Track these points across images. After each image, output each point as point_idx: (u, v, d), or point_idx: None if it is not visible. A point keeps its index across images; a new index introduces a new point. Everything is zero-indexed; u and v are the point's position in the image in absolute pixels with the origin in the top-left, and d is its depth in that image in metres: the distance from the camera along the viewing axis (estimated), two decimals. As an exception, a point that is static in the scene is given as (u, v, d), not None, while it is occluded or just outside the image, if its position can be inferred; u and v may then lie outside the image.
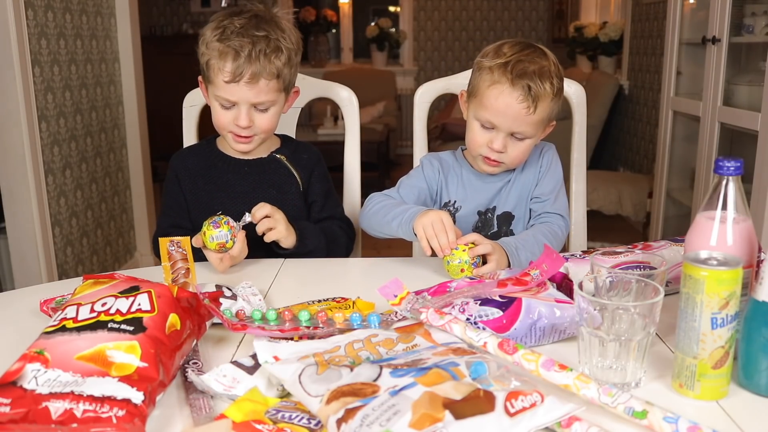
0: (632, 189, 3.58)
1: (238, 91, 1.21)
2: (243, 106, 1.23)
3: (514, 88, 1.14)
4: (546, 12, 6.44)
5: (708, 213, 0.77)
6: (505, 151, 1.20)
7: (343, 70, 6.08)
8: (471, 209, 1.29)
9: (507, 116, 1.16)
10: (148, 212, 3.39)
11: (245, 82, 1.20)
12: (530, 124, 1.17)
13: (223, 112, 1.25)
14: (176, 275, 1.00)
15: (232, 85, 1.20)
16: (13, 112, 2.34)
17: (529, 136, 1.19)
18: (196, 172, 1.34)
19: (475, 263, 1.07)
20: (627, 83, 4.33)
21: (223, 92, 1.22)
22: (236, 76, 1.19)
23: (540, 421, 0.62)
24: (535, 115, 1.15)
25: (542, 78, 1.14)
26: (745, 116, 2.32)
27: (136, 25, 3.26)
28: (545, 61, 1.17)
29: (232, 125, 1.25)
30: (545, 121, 1.19)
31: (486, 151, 1.21)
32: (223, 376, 0.75)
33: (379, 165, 4.73)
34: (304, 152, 1.40)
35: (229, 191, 1.32)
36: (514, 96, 1.14)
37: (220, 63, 1.19)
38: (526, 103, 1.14)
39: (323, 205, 1.38)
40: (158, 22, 6.45)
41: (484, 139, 1.21)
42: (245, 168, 1.34)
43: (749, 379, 0.75)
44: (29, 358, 0.70)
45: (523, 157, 1.23)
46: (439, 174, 1.32)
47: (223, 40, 1.19)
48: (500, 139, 1.19)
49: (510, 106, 1.15)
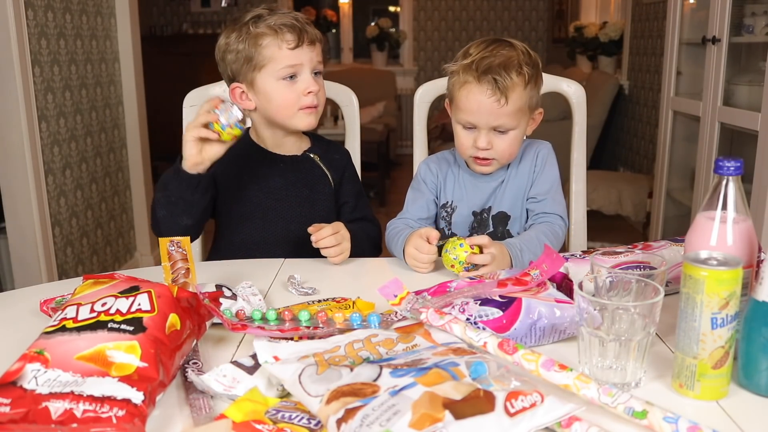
0: (632, 189, 3.58)
1: (302, 54, 1.25)
2: (305, 72, 1.26)
3: (481, 84, 1.16)
4: (546, 12, 6.44)
5: (708, 213, 0.77)
6: (491, 147, 1.21)
7: (343, 70, 6.08)
8: (467, 210, 1.30)
9: (481, 113, 1.18)
10: (148, 212, 3.39)
11: (307, 45, 1.25)
12: (507, 116, 1.18)
13: (289, 89, 1.26)
14: (176, 275, 1.00)
15: (297, 50, 1.24)
16: (13, 112, 2.35)
17: (512, 127, 1.20)
18: (230, 158, 1.32)
19: (467, 268, 1.08)
20: (627, 83, 4.33)
21: (289, 59, 1.24)
22: (299, 40, 1.24)
23: (540, 421, 0.62)
24: (509, 107, 1.17)
25: (508, 69, 1.16)
26: (745, 116, 2.32)
27: (136, 25, 3.26)
28: (512, 52, 1.19)
29: (301, 98, 1.26)
30: (524, 110, 1.20)
31: (474, 152, 1.23)
32: (223, 376, 0.75)
33: (379, 165, 4.72)
34: (336, 152, 1.41)
35: (262, 184, 1.32)
36: (482, 91, 1.16)
37: (279, 37, 1.23)
38: (496, 97, 1.16)
39: (355, 206, 1.39)
40: (158, 22, 6.45)
41: (469, 141, 1.22)
42: (281, 164, 1.34)
43: (749, 379, 0.75)
44: (29, 358, 0.70)
45: (513, 150, 1.23)
46: (437, 177, 1.33)
47: (261, 23, 1.24)
48: (483, 137, 1.20)
49: (481, 102, 1.17)
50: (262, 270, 1.17)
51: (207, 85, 1.52)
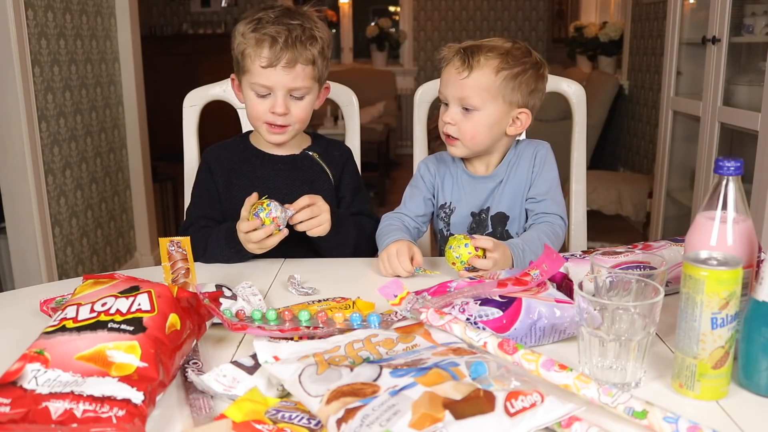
0: (632, 189, 3.58)
1: (275, 76, 1.22)
2: (279, 92, 1.24)
3: (454, 58, 1.22)
4: (546, 12, 6.44)
5: (708, 213, 0.77)
6: (455, 123, 1.23)
7: (343, 70, 6.08)
8: (465, 210, 1.29)
9: (448, 85, 1.22)
10: (148, 212, 3.39)
11: (282, 67, 1.21)
12: (471, 90, 1.19)
13: (259, 101, 1.26)
14: (176, 275, 1.00)
15: (269, 70, 1.22)
16: (13, 112, 2.34)
17: (476, 107, 1.20)
18: (230, 166, 1.34)
19: (468, 268, 1.09)
20: (627, 83, 4.33)
21: (260, 78, 1.23)
22: (273, 60, 1.21)
23: (540, 421, 0.62)
24: (470, 80, 1.19)
25: (483, 51, 1.20)
26: (745, 116, 2.32)
27: (136, 25, 3.26)
28: (506, 44, 1.22)
29: (268, 114, 1.26)
30: (494, 94, 1.20)
31: (442, 125, 1.25)
32: (223, 376, 0.75)
33: (379, 165, 4.73)
34: (336, 149, 1.41)
35: (263, 187, 1.31)
36: (454, 64, 1.21)
37: (257, 50, 1.22)
38: (462, 68, 1.19)
39: (352, 201, 1.38)
40: (158, 22, 6.45)
41: (444, 118, 1.25)
42: (279, 164, 1.34)
43: (749, 379, 0.75)
44: (29, 358, 0.70)
45: (477, 134, 1.22)
46: (435, 177, 1.33)
47: (258, 29, 1.22)
48: (450, 111, 1.23)
49: (450, 73, 1.22)
50: (262, 270, 1.17)
51: (207, 85, 1.52)
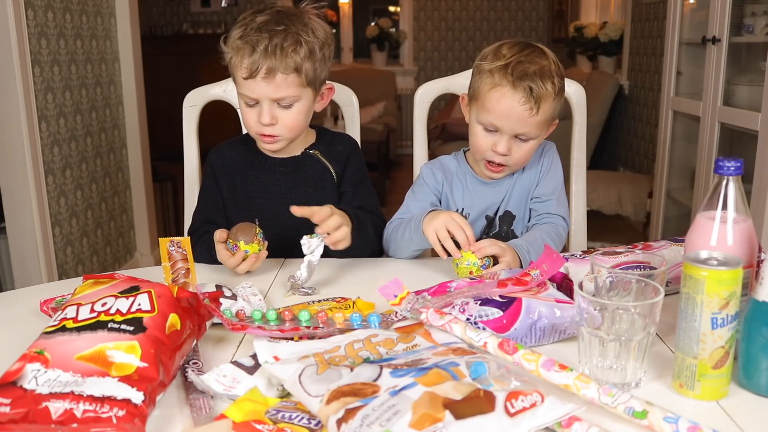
0: (632, 189, 3.58)
1: (257, 87, 1.19)
2: (264, 102, 1.21)
3: (515, 90, 1.13)
4: (546, 12, 6.44)
5: (708, 213, 0.77)
6: (509, 153, 1.19)
7: (343, 70, 6.08)
8: (478, 214, 1.28)
9: (510, 119, 1.15)
10: (148, 212, 3.39)
11: (262, 78, 1.17)
12: (534, 125, 1.16)
13: (248, 111, 1.23)
14: (176, 275, 1.00)
15: (250, 81, 1.18)
16: (13, 112, 2.34)
17: (533, 136, 1.18)
18: (234, 169, 1.32)
19: (484, 265, 1.06)
20: (627, 83, 4.33)
21: (243, 88, 1.21)
22: (252, 71, 1.17)
23: (540, 421, 0.62)
24: (539, 116, 1.15)
25: (543, 78, 1.13)
26: (745, 116, 2.32)
27: (136, 25, 3.26)
28: (545, 60, 1.16)
29: (257, 124, 1.23)
30: (548, 120, 1.19)
31: (490, 155, 1.20)
32: (223, 376, 0.75)
33: (379, 165, 4.72)
34: (339, 144, 1.36)
35: (266, 192, 1.30)
36: (516, 98, 1.13)
37: (238, 59, 1.18)
38: (529, 105, 1.13)
39: (354, 195, 1.32)
40: (158, 22, 6.46)
41: (487, 143, 1.19)
42: (281, 168, 1.32)
43: (749, 379, 0.75)
44: (29, 358, 0.70)
45: (527, 159, 1.23)
46: (443, 184, 1.30)
47: (242, 37, 1.19)
48: (504, 142, 1.18)
49: (513, 108, 1.14)
50: (262, 270, 1.17)
51: (207, 85, 1.52)
